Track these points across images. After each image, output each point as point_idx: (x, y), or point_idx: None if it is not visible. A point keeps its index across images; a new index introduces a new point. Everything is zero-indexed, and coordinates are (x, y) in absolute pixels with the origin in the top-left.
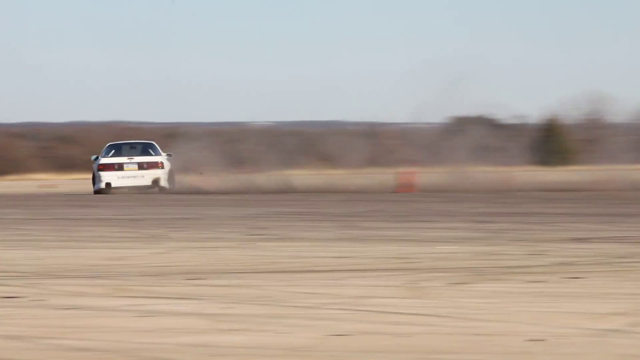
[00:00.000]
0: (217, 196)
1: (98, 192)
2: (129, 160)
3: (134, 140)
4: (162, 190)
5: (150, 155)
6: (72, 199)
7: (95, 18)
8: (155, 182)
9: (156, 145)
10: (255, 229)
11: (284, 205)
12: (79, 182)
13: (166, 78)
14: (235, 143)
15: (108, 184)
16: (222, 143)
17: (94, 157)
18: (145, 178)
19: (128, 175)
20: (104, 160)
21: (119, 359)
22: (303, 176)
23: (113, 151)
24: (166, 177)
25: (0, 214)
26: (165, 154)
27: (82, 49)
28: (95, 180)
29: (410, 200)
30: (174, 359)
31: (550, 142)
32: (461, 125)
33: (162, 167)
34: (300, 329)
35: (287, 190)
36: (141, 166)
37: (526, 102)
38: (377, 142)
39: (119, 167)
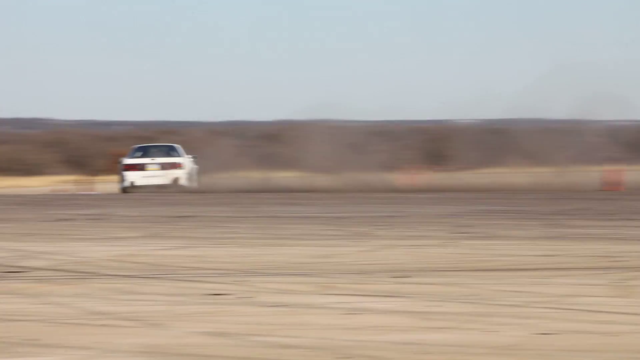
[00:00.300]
0: (421, 194)
1: (124, 190)
2: (151, 161)
3: (158, 143)
4: (182, 188)
5: (172, 156)
6: (277, 196)
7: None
8: (175, 181)
9: (179, 148)
10: (460, 227)
11: (488, 203)
12: (282, 179)
13: (373, 76)
14: (440, 141)
15: (132, 183)
16: (427, 141)
17: (122, 159)
18: (165, 177)
19: (150, 174)
20: (128, 161)
21: (324, 357)
22: (506, 174)
23: (140, 153)
24: (186, 176)
25: (208, 211)
26: (190, 156)
27: (284, 48)
28: (121, 179)
29: (618, 199)
30: (379, 356)
31: None
32: None
33: (182, 168)
34: (506, 327)
35: (488, 189)
36: (162, 166)
37: None
38: (581, 139)
39: (142, 167)
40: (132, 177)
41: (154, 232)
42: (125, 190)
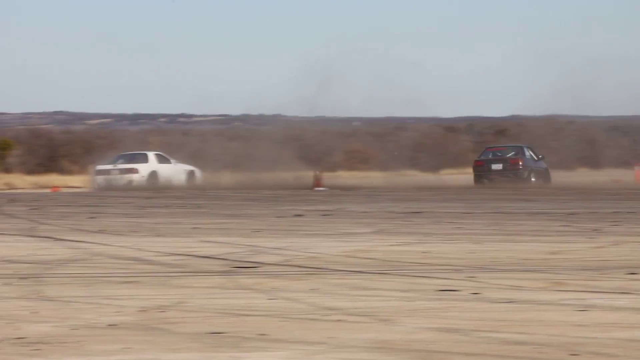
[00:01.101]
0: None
1: (96, 189)
2: (113, 167)
3: (139, 152)
4: (135, 188)
5: (134, 163)
6: (505, 192)
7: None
8: (129, 182)
9: (148, 154)
10: None
11: None
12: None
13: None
14: None
15: (99, 185)
16: None
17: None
18: (123, 180)
19: (112, 178)
20: (98, 167)
21: (554, 353)
22: None
23: (118, 160)
24: (144, 179)
25: (438, 207)
26: (175, 161)
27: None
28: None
29: None
30: (609, 353)
31: None
32: None
33: (137, 172)
34: None
35: None
36: (121, 171)
37: None
38: None
39: (107, 172)
40: (100, 180)
41: (383, 227)
42: (97, 190)
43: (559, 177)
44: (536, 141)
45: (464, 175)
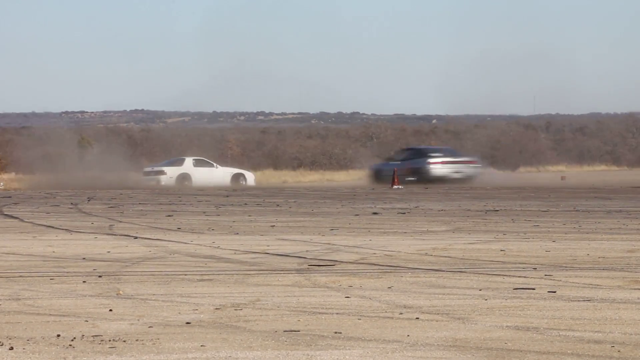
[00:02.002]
0: None
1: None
2: (150, 170)
3: (177, 157)
4: (163, 188)
5: (169, 166)
6: (583, 190)
7: None
8: (157, 183)
9: (186, 159)
10: None
11: None
12: (586, 174)
13: None
14: None
15: (146, 184)
16: None
17: None
18: (153, 180)
19: (149, 178)
20: (145, 169)
21: (630, 352)
22: None
23: (166, 163)
24: (172, 181)
25: (516, 205)
26: (217, 165)
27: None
28: None
29: None
30: None
31: None
32: None
33: (165, 174)
34: None
35: None
36: (154, 172)
37: None
38: None
39: (147, 173)
40: (145, 179)
41: (459, 225)
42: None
43: (632, 174)
44: (615, 138)
45: (542, 174)
